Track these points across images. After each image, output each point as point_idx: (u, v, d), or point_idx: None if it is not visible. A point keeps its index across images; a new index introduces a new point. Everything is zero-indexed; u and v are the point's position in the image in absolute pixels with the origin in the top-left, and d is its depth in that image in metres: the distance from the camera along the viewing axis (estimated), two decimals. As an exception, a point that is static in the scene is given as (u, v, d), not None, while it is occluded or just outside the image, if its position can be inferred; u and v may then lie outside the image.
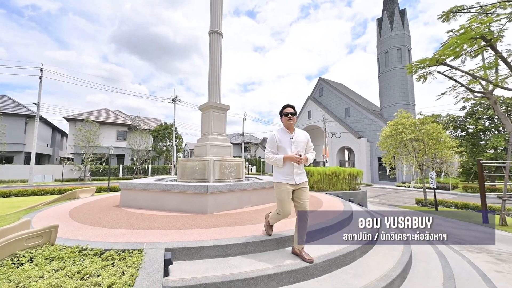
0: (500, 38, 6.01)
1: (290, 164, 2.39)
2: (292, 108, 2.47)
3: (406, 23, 25.20)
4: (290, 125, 2.45)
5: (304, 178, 2.47)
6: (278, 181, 2.43)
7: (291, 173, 2.40)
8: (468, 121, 19.75)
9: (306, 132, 2.58)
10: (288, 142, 2.42)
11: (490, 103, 7.37)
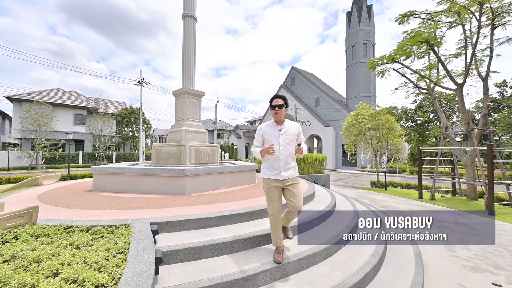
0: (440, 44, 7.03)
1: (277, 157, 2.23)
2: (282, 99, 2.28)
3: (372, 18, 26.80)
4: (277, 118, 2.29)
5: (294, 172, 2.29)
6: (264, 176, 2.31)
7: (277, 167, 2.23)
8: (417, 113, 22.48)
9: (298, 124, 2.38)
10: (276, 134, 2.27)
11: (431, 99, 8.68)
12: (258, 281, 2.03)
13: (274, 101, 2.29)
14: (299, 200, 2.23)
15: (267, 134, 2.31)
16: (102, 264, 1.52)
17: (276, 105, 2.26)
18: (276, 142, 2.25)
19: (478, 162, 7.54)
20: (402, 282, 2.43)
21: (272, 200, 2.25)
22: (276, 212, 2.24)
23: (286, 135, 2.27)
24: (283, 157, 2.24)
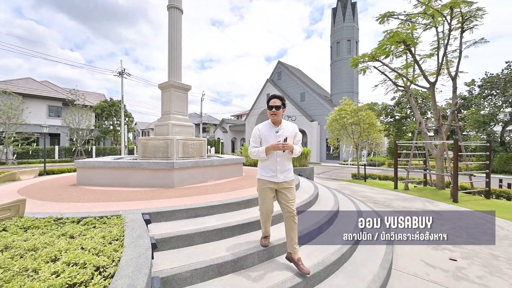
0: (416, 44, 7.50)
1: (274, 159, 2.21)
2: (279, 100, 2.22)
3: (356, 16, 27.46)
4: (274, 119, 2.25)
5: (290, 176, 2.27)
6: (259, 177, 2.29)
7: (274, 169, 2.21)
8: (395, 109, 23.69)
9: (295, 125, 2.35)
10: (273, 136, 2.22)
11: (407, 96, 9.28)
12: (246, 262, 2.21)
13: (271, 102, 2.22)
14: (293, 204, 2.21)
15: (264, 135, 2.24)
16: (100, 250, 1.61)
17: (273, 105, 2.20)
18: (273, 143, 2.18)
19: (446, 155, 8.24)
20: (375, 260, 2.73)
21: (265, 200, 2.23)
22: (268, 212, 2.27)
23: (283, 137, 2.19)
24: (280, 160, 2.21)
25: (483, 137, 19.34)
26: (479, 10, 7.01)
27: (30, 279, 1.27)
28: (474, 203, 6.42)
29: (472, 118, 19.06)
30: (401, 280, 2.58)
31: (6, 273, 1.33)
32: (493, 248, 3.46)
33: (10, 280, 1.27)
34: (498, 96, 17.71)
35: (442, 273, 2.73)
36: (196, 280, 1.95)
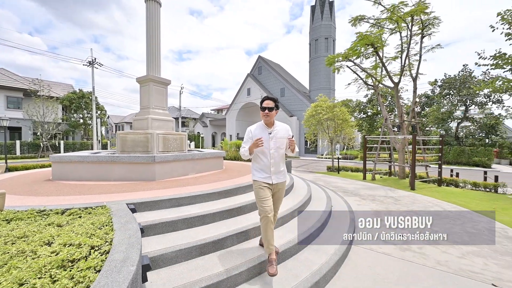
0: (382, 47, 8.18)
1: (268, 161, 2.20)
2: (273, 101, 2.21)
3: (333, 15, 28.39)
4: (267, 121, 2.23)
5: (283, 177, 2.29)
6: (254, 179, 2.28)
7: (267, 170, 2.21)
8: (368, 106, 25.25)
9: (288, 127, 2.34)
10: (266, 138, 2.20)
11: (375, 95, 10.10)
12: (226, 243, 2.49)
13: (264, 103, 2.21)
14: (280, 204, 2.33)
15: (256, 136, 2.20)
16: (92, 233, 1.77)
17: (266, 107, 2.18)
18: (266, 145, 2.19)
19: (407, 149, 9.19)
20: (338, 238, 3.17)
21: (263, 200, 2.16)
22: (269, 212, 2.11)
23: (277, 139, 2.22)
24: (273, 161, 2.21)
25: (442, 132, 21.52)
26: (436, 19, 7.85)
27: (30, 259, 1.42)
28: (427, 190, 7.34)
29: (433, 115, 21.06)
30: (358, 253, 3.05)
31: (4, 255, 1.45)
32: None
33: (8, 261, 1.40)
34: (454, 96, 19.75)
35: (393, 245, 3.27)
36: (181, 260, 2.19)
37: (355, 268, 2.69)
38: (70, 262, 1.39)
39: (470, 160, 17.75)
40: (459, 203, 5.71)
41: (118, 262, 1.37)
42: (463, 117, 20.12)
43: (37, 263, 1.34)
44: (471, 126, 20.32)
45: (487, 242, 3.41)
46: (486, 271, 2.64)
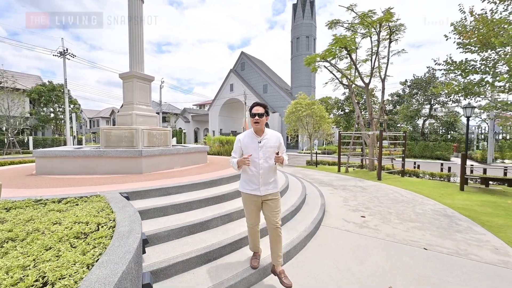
0: (354, 51, 8.89)
1: (256, 171, 2.11)
2: (262, 107, 2.12)
3: (314, 14, 29.21)
4: (257, 128, 2.14)
5: (274, 188, 2.19)
6: (242, 191, 2.22)
7: (256, 182, 2.12)
8: (345, 104, 26.60)
9: (279, 135, 2.25)
10: (255, 147, 2.12)
11: (349, 93, 10.90)
12: (211, 224, 2.87)
13: (254, 109, 2.12)
14: (278, 215, 2.17)
15: (245, 146, 2.15)
16: (95, 215, 2.05)
17: (256, 113, 2.09)
18: (255, 155, 2.11)
19: (376, 144, 10.12)
20: (309, 219, 3.69)
21: (250, 213, 2.20)
22: (254, 225, 2.23)
23: (266, 148, 2.12)
24: (262, 172, 2.11)
25: (410, 128, 23.43)
26: (401, 26, 8.69)
27: (48, 232, 1.69)
28: (392, 180, 8.25)
29: (402, 113, 22.83)
30: (325, 231, 3.59)
31: (22, 232, 1.70)
32: (391, 207, 4.84)
33: (29, 235, 1.66)
34: (421, 95, 21.57)
35: (353, 225, 3.86)
36: (172, 238, 2.54)
37: (321, 242, 3.22)
38: (84, 235, 1.69)
39: (433, 154, 19.64)
40: (415, 190, 6.58)
41: (125, 232, 1.69)
42: (428, 115, 22.08)
43: (56, 235, 1.62)
44: (435, 123, 22.38)
45: (428, 220, 4.14)
46: (422, 240, 3.30)
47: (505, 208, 4.90)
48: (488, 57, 7.15)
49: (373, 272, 2.50)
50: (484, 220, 4.17)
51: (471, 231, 3.67)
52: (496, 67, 7.10)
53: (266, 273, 2.36)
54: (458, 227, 3.80)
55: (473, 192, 6.47)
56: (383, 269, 2.56)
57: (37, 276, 1.19)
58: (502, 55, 6.63)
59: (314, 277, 2.40)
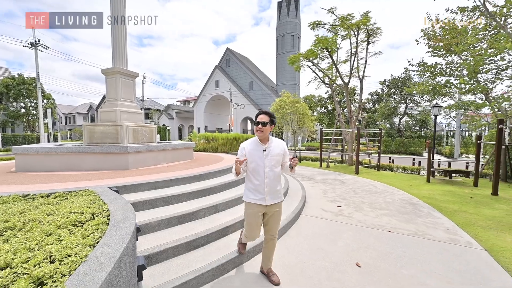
0: (334, 52, 9.35)
1: (262, 180, 2.07)
2: (268, 116, 2.06)
3: (299, 12, 29.67)
4: (261, 136, 2.09)
5: (279, 197, 2.16)
6: (247, 200, 2.16)
7: (262, 191, 2.07)
8: (328, 102, 27.50)
9: (283, 143, 2.22)
10: (260, 155, 2.07)
11: (331, 92, 11.42)
12: (199, 214, 3.07)
13: (258, 118, 2.07)
14: (278, 226, 2.20)
15: (250, 154, 2.10)
16: (88, 206, 2.17)
17: (260, 122, 2.04)
18: (261, 164, 2.07)
19: (355, 140, 10.74)
20: (290, 209, 4.00)
21: (251, 227, 2.16)
22: (255, 238, 2.26)
23: (272, 156, 2.08)
24: (268, 181, 2.07)
25: (388, 126, 24.80)
26: (378, 29, 9.26)
27: (44, 223, 1.80)
28: (368, 174, 8.86)
29: (381, 111, 24.10)
30: (305, 220, 3.92)
31: (18, 223, 1.80)
32: (365, 197, 5.31)
33: (26, 225, 1.77)
34: (397, 94, 22.89)
35: (330, 213, 4.23)
36: (162, 227, 2.71)
37: (300, 228, 3.54)
38: (80, 223, 1.83)
39: (408, 150, 21.03)
40: (388, 183, 7.17)
41: (120, 219, 1.86)
42: (403, 113, 23.51)
43: (54, 223, 1.75)
44: (410, 121, 23.90)
45: (396, 207, 4.63)
46: (388, 224, 3.74)
47: (461, 196, 5.56)
48: (452, 61, 7.89)
49: (343, 251, 2.85)
50: (442, 206, 4.74)
51: (430, 216, 4.19)
52: (459, 70, 7.86)
53: (250, 256, 2.62)
54: (419, 213, 4.31)
55: (438, 184, 7.18)
56: (351, 248, 2.92)
57: (44, 255, 1.34)
58: (463, 60, 7.36)
59: (292, 255, 2.70)
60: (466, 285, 2.24)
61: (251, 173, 2.13)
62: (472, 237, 3.32)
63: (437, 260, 2.67)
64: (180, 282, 2.02)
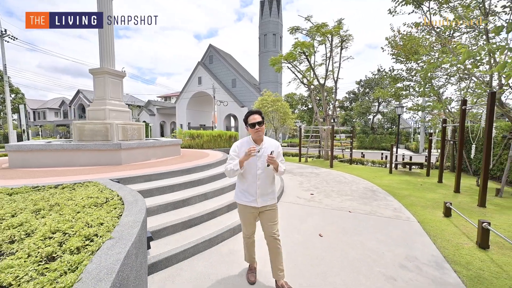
0: (311, 55, 10.13)
1: (254, 182, 2.04)
2: (259, 115, 2.04)
3: (281, 12, 30.35)
4: (259, 136, 2.06)
5: (272, 199, 2.13)
6: (238, 202, 2.14)
7: (253, 192, 2.04)
8: (308, 100, 28.70)
9: (277, 143, 2.17)
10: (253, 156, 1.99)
11: (309, 92, 12.28)
12: (191, 201, 3.58)
13: (252, 119, 2.02)
14: (276, 226, 2.13)
15: (243, 154, 2.01)
16: (100, 193, 2.60)
17: (255, 123, 2.00)
18: (253, 165, 2.04)
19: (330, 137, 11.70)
20: (269, 197, 4.63)
21: (246, 224, 2.17)
22: (250, 235, 2.21)
23: (265, 157, 1.99)
24: (260, 183, 2.04)
25: (363, 123, 26.55)
26: (350, 36, 10.18)
27: (69, 204, 2.22)
28: (341, 167, 9.83)
29: (356, 110, 25.74)
30: (282, 205, 4.58)
31: (46, 206, 2.20)
32: (334, 187, 6.13)
33: (54, 207, 2.18)
34: (371, 94, 24.59)
35: (304, 200, 4.95)
36: (161, 212, 3.19)
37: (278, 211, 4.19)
38: (100, 204, 2.27)
39: (380, 145, 22.82)
40: (357, 174, 8.12)
41: (132, 201, 2.34)
42: (376, 112, 25.34)
43: (78, 205, 2.18)
44: (382, 119, 25.83)
45: (359, 194, 5.47)
46: (349, 207, 4.52)
47: (414, 184, 6.60)
48: (411, 68, 9.01)
49: (311, 227, 3.55)
50: (396, 192, 5.68)
51: (385, 199, 5.07)
52: (417, 76, 9.01)
53: (235, 232, 3.21)
54: (376, 198, 5.18)
55: (398, 174, 8.28)
56: (318, 224, 3.63)
57: (82, 224, 1.80)
58: (420, 67, 8.48)
59: (270, 233, 3.33)
60: (396, 245, 3.03)
61: (243, 174, 2.10)
62: (411, 214, 4.20)
63: (380, 230, 3.46)
64: (180, 250, 2.55)
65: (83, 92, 36.92)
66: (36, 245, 1.44)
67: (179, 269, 2.45)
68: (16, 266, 1.21)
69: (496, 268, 2.53)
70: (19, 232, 1.63)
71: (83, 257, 1.29)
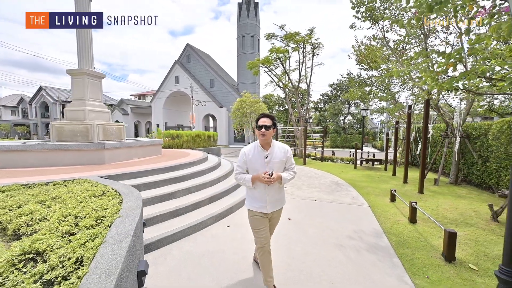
0: (285, 61, 10.91)
1: (263, 190, 2.03)
2: (270, 118, 2.00)
3: (258, 15, 31.06)
4: (264, 141, 2.03)
5: (280, 204, 2.14)
6: (249, 208, 2.14)
7: (262, 198, 2.04)
8: (285, 101, 29.84)
9: (287, 147, 2.14)
10: (261, 161, 2.00)
11: (285, 95, 13.09)
12: (176, 195, 3.98)
13: (260, 121, 2.01)
14: (273, 230, 2.20)
15: (251, 162, 2.03)
16: (94, 187, 2.91)
17: (262, 125, 1.97)
18: (261, 170, 2.00)
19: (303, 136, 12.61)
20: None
21: (259, 230, 2.07)
22: (265, 243, 2.07)
23: (273, 163, 2.00)
24: (269, 190, 2.04)
25: (336, 123, 28.36)
26: (320, 44, 11.14)
27: (70, 196, 2.52)
28: (313, 164, 10.73)
29: (329, 111, 27.44)
30: (258, 197, 5.16)
31: (48, 197, 2.47)
32: (305, 181, 6.87)
33: (56, 199, 2.46)
34: (342, 96, 26.43)
35: (277, 193, 5.58)
36: (148, 204, 3.55)
37: (254, 203, 4.76)
38: (98, 196, 2.60)
39: (350, 144, 24.65)
40: (326, 170, 9.02)
41: (128, 193, 2.70)
42: (347, 113, 27.28)
43: (79, 196, 2.50)
44: (352, 119, 27.87)
45: (325, 186, 6.26)
46: (316, 197, 5.24)
47: (373, 177, 7.62)
48: (373, 75, 10.20)
49: (283, 214, 4.16)
50: (356, 184, 6.58)
51: (346, 190, 5.90)
52: (377, 82, 10.21)
53: (221, 216, 3.69)
54: (340, 189, 6.00)
55: (362, 170, 9.35)
56: (288, 210, 4.26)
57: (88, 210, 2.15)
58: (379, 74, 9.66)
59: (246, 219, 3.87)
60: (349, 223, 3.76)
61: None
62: (366, 200, 5.04)
63: (338, 213, 4.19)
64: (170, 234, 2.97)
65: (47, 89, 34.03)
66: (54, 225, 1.75)
67: (169, 249, 2.87)
68: (44, 239, 1.55)
69: (418, 235, 3.35)
70: (33, 218, 1.93)
71: (101, 230, 1.69)
